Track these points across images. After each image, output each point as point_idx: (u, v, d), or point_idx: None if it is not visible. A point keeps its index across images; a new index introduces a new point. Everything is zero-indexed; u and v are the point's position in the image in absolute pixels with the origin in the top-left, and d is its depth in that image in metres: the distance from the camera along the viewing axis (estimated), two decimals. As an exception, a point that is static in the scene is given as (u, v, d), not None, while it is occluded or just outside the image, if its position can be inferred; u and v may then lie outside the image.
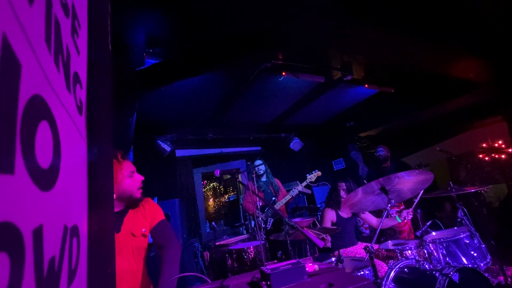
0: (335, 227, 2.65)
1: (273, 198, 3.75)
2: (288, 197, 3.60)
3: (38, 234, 0.23)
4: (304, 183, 3.56)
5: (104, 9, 0.73)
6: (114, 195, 1.33)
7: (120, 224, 1.35)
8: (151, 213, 1.44)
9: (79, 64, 0.42)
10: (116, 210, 1.36)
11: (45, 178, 0.25)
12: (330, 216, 2.85)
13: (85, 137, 0.43)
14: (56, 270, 0.27)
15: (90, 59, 0.48)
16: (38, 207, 0.23)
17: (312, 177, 3.55)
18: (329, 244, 2.44)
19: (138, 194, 1.39)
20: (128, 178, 1.36)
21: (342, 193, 2.88)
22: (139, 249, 1.38)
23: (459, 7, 2.49)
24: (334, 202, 2.88)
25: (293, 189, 3.60)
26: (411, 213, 2.53)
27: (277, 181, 3.94)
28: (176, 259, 1.33)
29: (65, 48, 0.32)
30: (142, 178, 1.41)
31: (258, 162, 3.86)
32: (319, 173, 3.61)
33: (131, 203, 1.39)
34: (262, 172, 3.82)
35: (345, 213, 2.88)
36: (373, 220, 2.95)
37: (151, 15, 2.27)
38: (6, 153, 0.18)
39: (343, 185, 2.92)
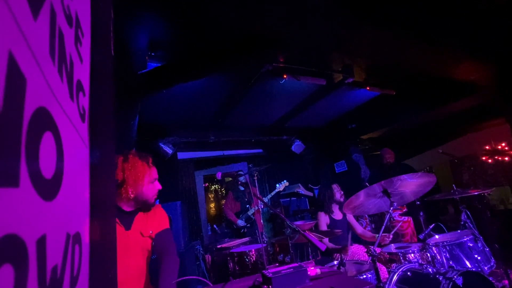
0: (339, 230, 2.64)
1: (247, 206, 4.13)
2: (258, 207, 4.01)
3: (41, 244, 0.23)
4: (273, 193, 4.06)
5: (107, 15, 0.73)
6: (132, 195, 1.36)
7: (131, 223, 1.39)
8: (159, 218, 1.49)
9: (82, 72, 0.42)
10: (128, 210, 1.41)
11: (48, 188, 0.25)
12: (324, 219, 2.91)
13: (87, 144, 0.43)
14: (58, 278, 0.27)
15: (93, 66, 0.49)
16: (42, 217, 0.23)
17: (280, 187, 4.03)
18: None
19: (152, 200, 1.44)
20: (150, 183, 1.40)
21: (338, 195, 2.96)
22: (145, 249, 1.42)
23: (461, 9, 2.49)
24: (327, 204, 2.95)
25: (264, 198, 4.07)
26: (390, 237, 2.56)
27: (253, 191, 4.30)
28: (174, 268, 1.34)
29: (69, 58, 0.33)
30: (160, 187, 1.45)
31: (241, 172, 4.22)
32: (287, 183, 4.08)
33: (143, 206, 1.44)
34: (244, 181, 4.13)
35: (336, 215, 2.95)
36: (358, 227, 2.98)
37: (153, 19, 2.29)
38: (11, 166, 0.18)
39: (336, 187, 3.01)
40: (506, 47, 3.18)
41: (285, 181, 4.08)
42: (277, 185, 4.05)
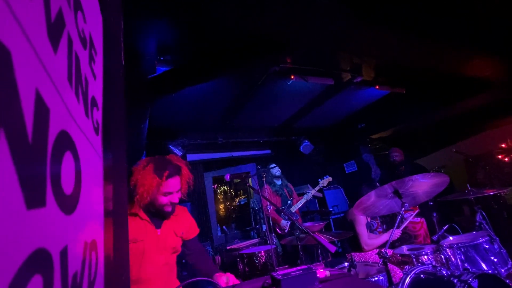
0: (349, 231, 2.60)
1: (289, 202, 3.81)
2: (303, 200, 3.71)
3: (64, 254, 0.25)
4: (317, 188, 3.69)
5: (117, 27, 0.76)
6: (142, 204, 1.38)
7: (161, 222, 1.47)
8: (190, 223, 1.62)
9: (96, 88, 0.45)
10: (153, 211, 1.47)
11: (69, 203, 0.27)
12: (363, 218, 2.68)
13: (101, 155, 0.46)
14: (78, 283, 0.30)
15: (105, 80, 0.51)
16: (64, 230, 0.26)
17: (324, 182, 3.69)
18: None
19: (166, 209, 1.45)
20: (161, 195, 1.41)
21: None
22: (174, 247, 1.50)
23: (461, 8, 2.44)
24: None
25: (307, 194, 3.72)
26: (399, 234, 2.49)
27: (289, 185, 4.06)
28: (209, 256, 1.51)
29: (84, 78, 0.35)
30: (176, 201, 1.46)
31: (273, 165, 3.98)
32: (330, 179, 3.72)
33: (160, 214, 1.46)
34: (278, 174, 3.90)
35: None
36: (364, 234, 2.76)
37: (162, 24, 2.34)
38: (40, 189, 0.21)
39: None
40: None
41: (327, 176, 3.75)
42: (319, 180, 3.72)
